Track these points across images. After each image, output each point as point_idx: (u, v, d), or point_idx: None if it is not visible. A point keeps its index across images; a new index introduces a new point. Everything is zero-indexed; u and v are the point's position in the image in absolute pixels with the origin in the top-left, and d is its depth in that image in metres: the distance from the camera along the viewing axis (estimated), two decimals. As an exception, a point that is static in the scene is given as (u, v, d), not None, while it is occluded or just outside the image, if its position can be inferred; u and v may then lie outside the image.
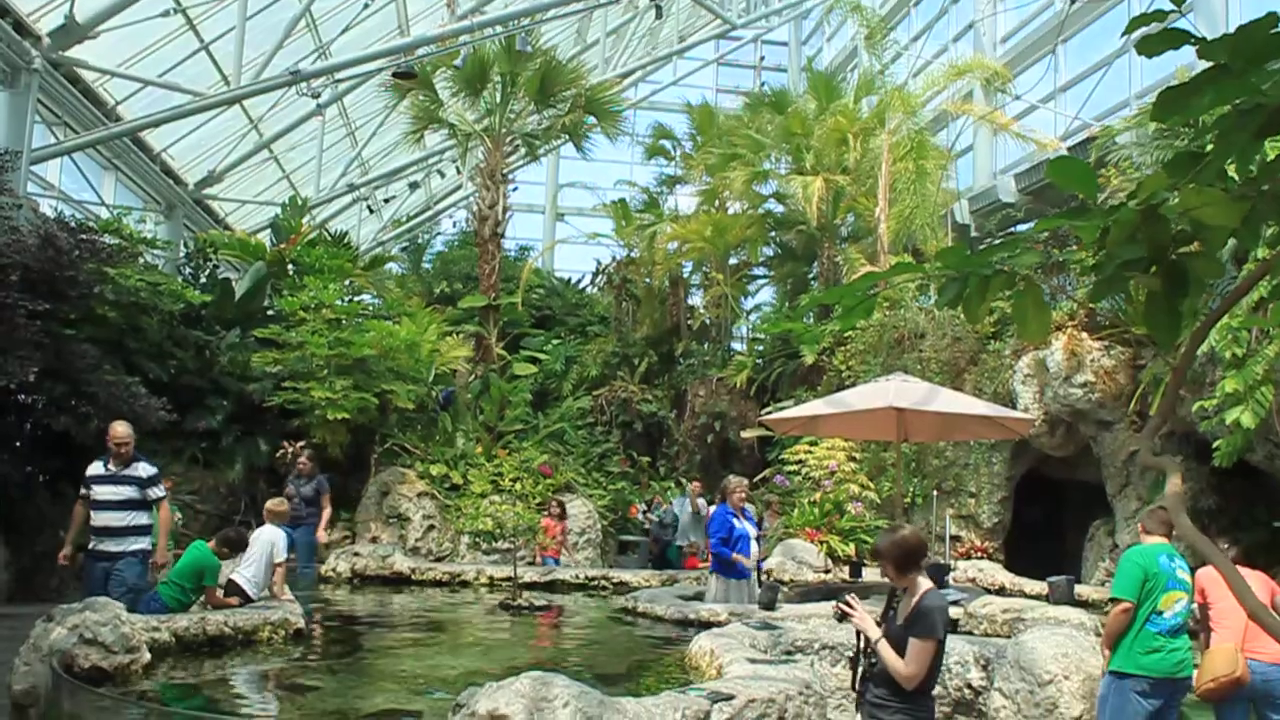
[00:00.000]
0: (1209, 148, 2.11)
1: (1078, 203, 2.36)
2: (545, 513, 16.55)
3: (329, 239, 22.53)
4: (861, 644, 5.01)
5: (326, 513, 14.06)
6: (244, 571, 10.28)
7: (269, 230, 22.72)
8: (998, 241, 2.34)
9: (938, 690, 7.31)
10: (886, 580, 5.10)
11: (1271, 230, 2.15)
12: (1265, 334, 11.78)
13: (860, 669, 5.03)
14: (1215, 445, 12.10)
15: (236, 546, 10.09)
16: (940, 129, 26.31)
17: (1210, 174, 2.04)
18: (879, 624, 4.94)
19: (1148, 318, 2.21)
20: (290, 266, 19.97)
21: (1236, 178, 2.15)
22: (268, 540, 10.44)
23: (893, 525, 5.84)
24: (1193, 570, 6.56)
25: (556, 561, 16.21)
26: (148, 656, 7.25)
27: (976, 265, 2.27)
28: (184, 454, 16.61)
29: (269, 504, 11.29)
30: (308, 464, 14.33)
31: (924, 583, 4.88)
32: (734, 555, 11.08)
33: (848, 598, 5.05)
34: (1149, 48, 2.00)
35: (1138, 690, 6.13)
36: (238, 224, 26.36)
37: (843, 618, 5.03)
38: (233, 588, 10.11)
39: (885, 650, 4.79)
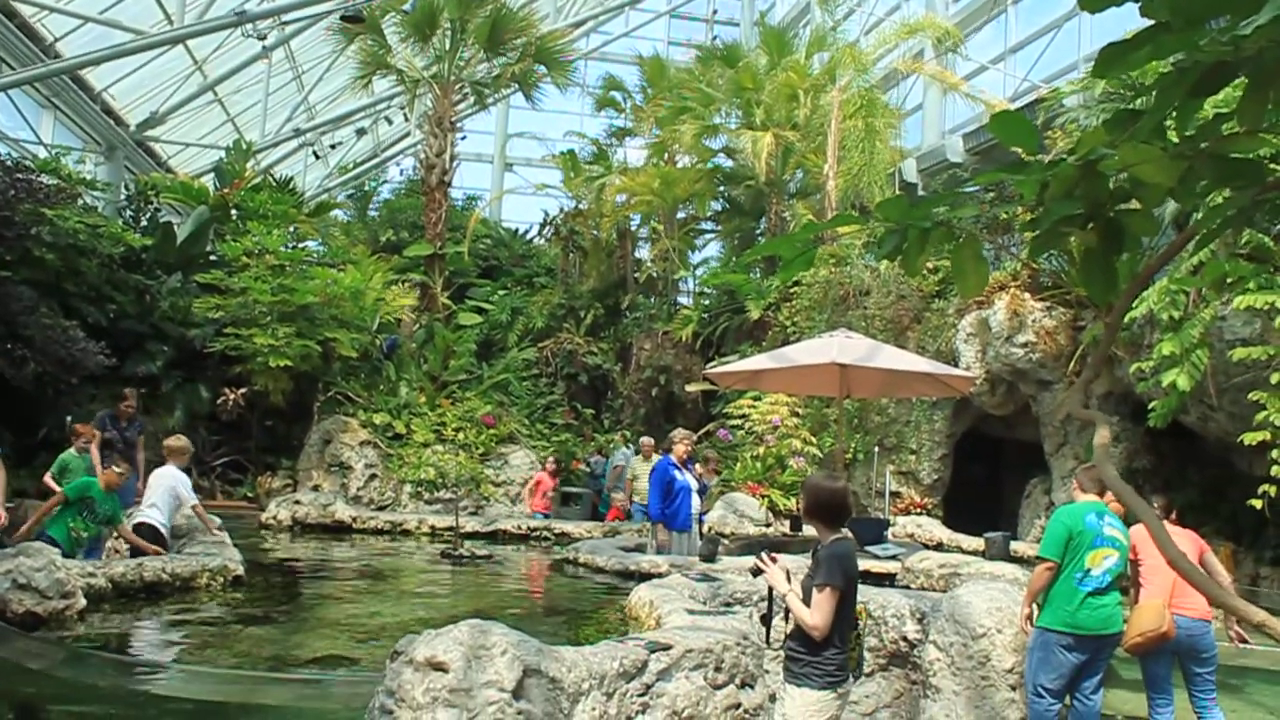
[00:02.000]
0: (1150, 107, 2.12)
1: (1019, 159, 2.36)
2: (541, 468, 16.60)
3: (274, 184, 22.21)
4: (772, 599, 5.04)
5: (141, 457, 13.48)
6: (149, 512, 10.06)
7: (212, 174, 22.40)
8: (935, 217, 2.33)
9: (872, 642, 7.41)
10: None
11: (1204, 188, 2.16)
12: (1202, 297, 11.95)
13: (774, 623, 5.06)
14: (1151, 406, 12.30)
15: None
16: (891, 87, 26.31)
17: (1147, 131, 2.05)
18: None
19: (1084, 274, 2.22)
20: (234, 211, 19.72)
21: (1177, 140, 2.16)
22: (169, 479, 10.25)
23: (824, 473, 5.84)
24: (1127, 527, 6.67)
25: (546, 516, 16.21)
26: (83, 602, 7.20)
27: (916, 218, 2.27)
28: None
29: (169, 441, 10.97)
30: (131, 407, 13.32)
31: (830, 534, 4.90)
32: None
33: (762, 554, 5.07)
34: (1093, 4, 1.99)
35: (1063, 645, 6.24)
36: (180, 167, 25.93)
37: (758, 573, 5.05)
38: (145, 529, 9.89)
39: (793, 602, 4.81)
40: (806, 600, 4.78)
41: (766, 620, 5.14)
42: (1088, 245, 2.21)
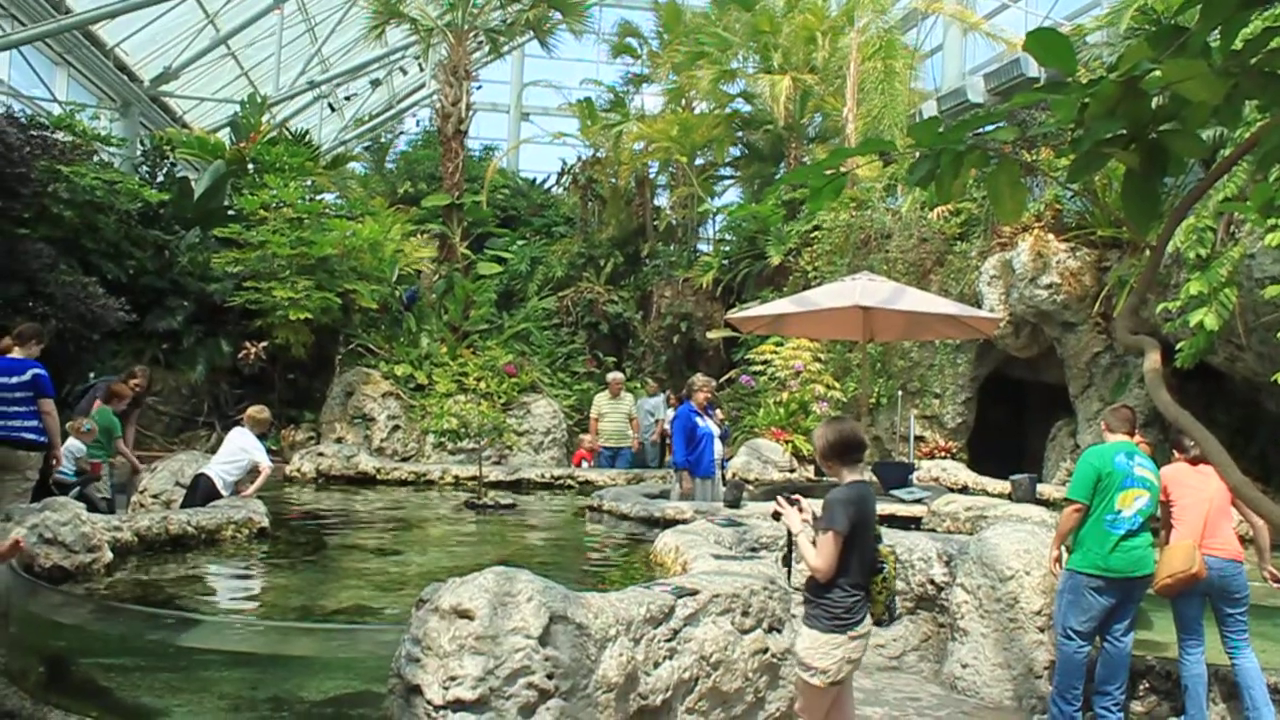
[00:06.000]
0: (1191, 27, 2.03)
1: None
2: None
3: (290, 138, 22.11)
4: (792, 541, 5.03)
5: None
6: (215, 467, 10.29)
7: (228, 129, 22.32)
8: (969, 140, 2.25)
9: (899, 586, 7.38)
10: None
11: (1256, 107, 2.07)
12: (1230, 235, 11.79)
13: (796, 566, 5.04)
14: (1178, 347, 12.16)
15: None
16: (910, 28, 25.98)
17: (1194, 47, 1.95)
18: None
19: (1125, 199, 2.14)
20: (250, 165, 19.65)
21: (1221, 58, 2.07)
22: (244, 443, 10.48)
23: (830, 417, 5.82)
24: (1157, 467, 6.60)
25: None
26: (109, 555, 7.21)
27: (950, 141, 2.19)
28: (144, 355, 16.49)
29: (251, 410, 11.15)
30: (140, 387, 12.65)
31: (848, 475, 4.87)
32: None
33: (780, 496, 5.05)
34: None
35: (1093, 587, 6.20)
36: (196, 122, 25.87)
37: (779, 516, 5.03)
38: (204, 482, 10.10)
39: (802, 544, 4.81)
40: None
41: (788, 561, 5.12)
42: (1129, 168, 2.13)
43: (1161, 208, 2.30)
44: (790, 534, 4.99)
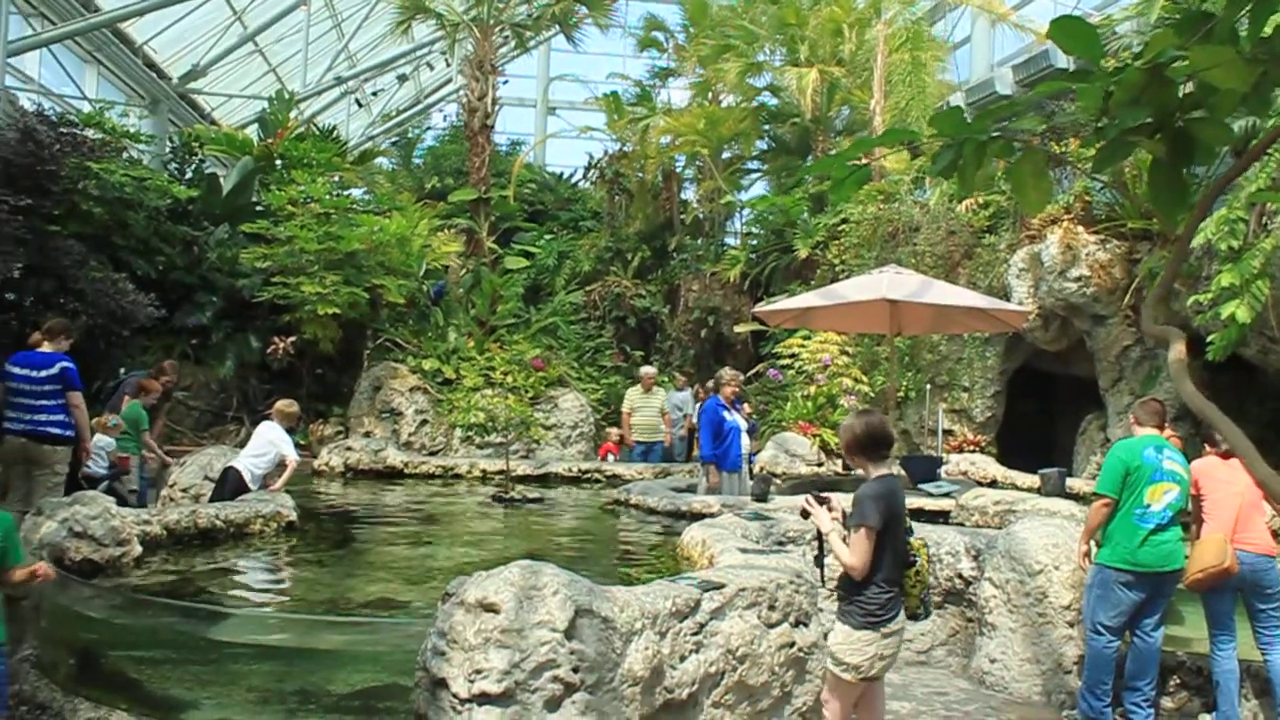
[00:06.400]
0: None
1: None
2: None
3: (317, 133, 22.19)
4: (822, 539, 5.01)
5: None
6: (243, 461, 10.34)
7: (256, 125, 22.42)
8: (994, 132, 2.22)
9: (929, 580, 7.34)
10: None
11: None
12: (1262, 227, 11.67)
13: (826, 562, 5.03)
14: (1209, 339, 12.04)
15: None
16: (937, 19, 25.83)
17: (1222, 34, 1.92)
18: None
19: (1152, 188, 2.11)
20: (278, 161, 19.72)
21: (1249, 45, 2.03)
22: (272, 437, 10.50)
23: (854, 410, 5.79)
24: (1188, 461, 6.54)
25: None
26: (139, 549, 7.26)
27: (973, 130, 2.17)
28: (174, 350, 16.59)
29: (279, 404, 11.20)
30: (170, 382, 13.07)
31: (875, 470, 4.86)
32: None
33: (809, 495, 5.04)
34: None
35: (1123, 582, 6.16)
36: (224, 119, 26.00)
37: (806, 515, 5.02)
38: (233, 475, 10.16)
39: (834, 542, 4.80)
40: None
41: (819, 561, 5.11)
42: (1156, 156, 2.10)
43: (1191, 198, 2.27)
44: (820, 533, 4.98)
